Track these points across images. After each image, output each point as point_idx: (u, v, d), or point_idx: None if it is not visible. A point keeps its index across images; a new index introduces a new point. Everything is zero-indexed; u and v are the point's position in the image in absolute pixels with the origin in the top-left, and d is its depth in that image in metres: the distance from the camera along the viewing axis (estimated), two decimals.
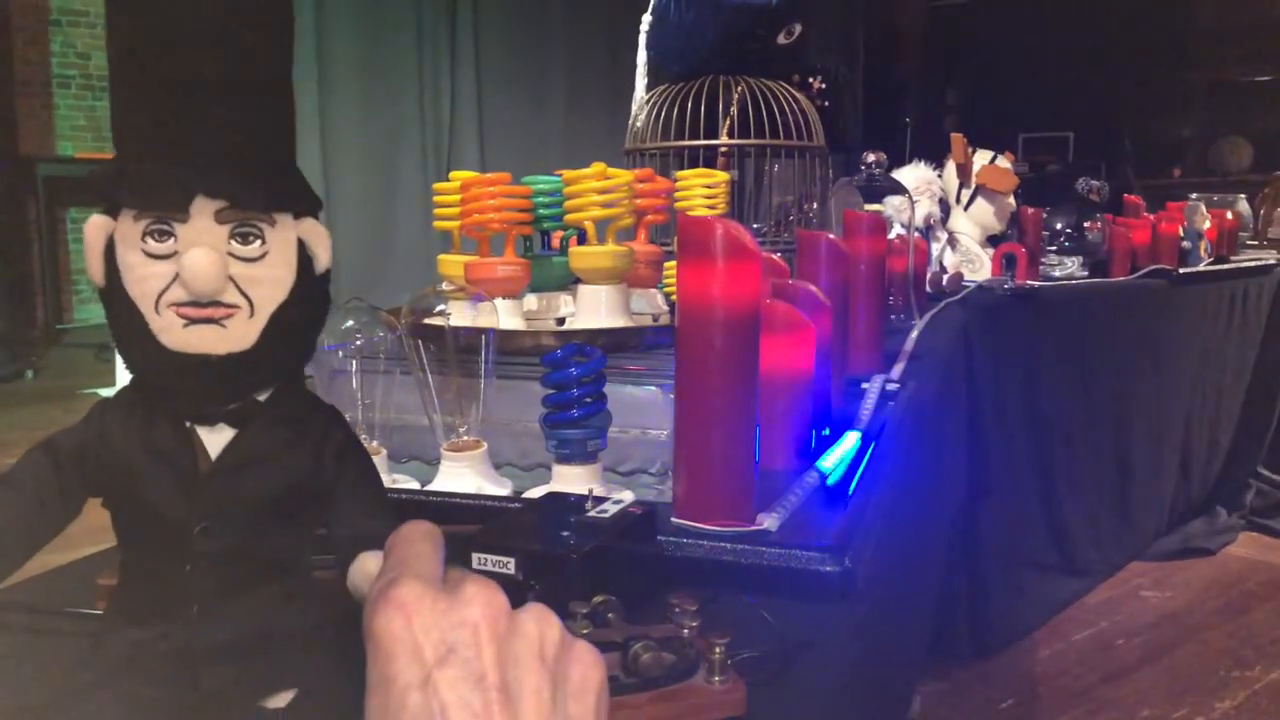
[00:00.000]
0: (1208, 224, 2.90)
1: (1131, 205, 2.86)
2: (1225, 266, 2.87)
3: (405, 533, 0.42)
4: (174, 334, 0.47)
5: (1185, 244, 2.78)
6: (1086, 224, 2.53)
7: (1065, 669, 2.16)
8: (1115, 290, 2.47)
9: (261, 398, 0.51)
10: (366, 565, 0.51)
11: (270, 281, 0.49)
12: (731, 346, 0.72)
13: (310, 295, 0.51)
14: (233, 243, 0.48)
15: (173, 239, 0.47)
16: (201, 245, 0.46)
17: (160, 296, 0.47)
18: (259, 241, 0.49)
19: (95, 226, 0.47)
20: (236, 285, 0.48)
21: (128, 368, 0.49)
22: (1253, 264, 2.97)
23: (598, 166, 0.90)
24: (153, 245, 0.47)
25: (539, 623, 0.36)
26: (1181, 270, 2.65)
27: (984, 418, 2.07)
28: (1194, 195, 3.14)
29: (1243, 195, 3.39)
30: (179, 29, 0.45)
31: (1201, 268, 2.78)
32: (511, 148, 4.50)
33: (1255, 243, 3.45)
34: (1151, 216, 2.75)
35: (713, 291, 0.71)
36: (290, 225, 0.50)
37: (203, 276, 0.46)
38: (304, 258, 0.51)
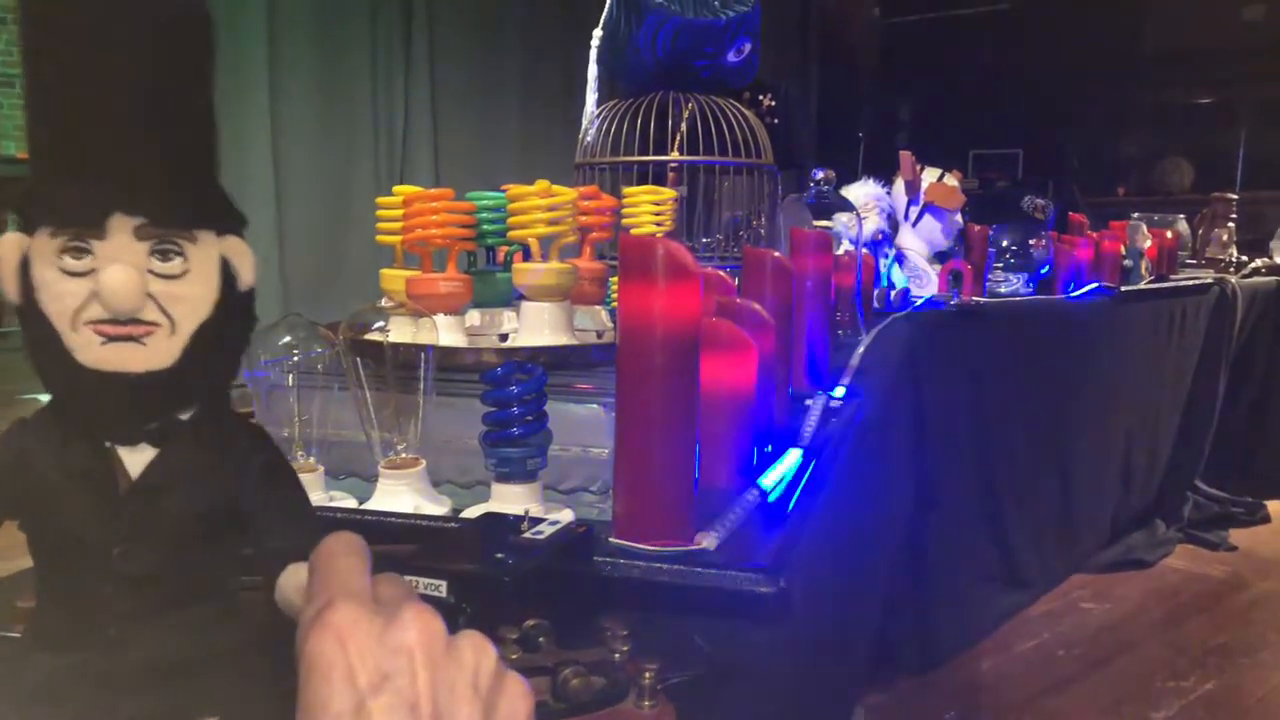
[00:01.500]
0: (1149, 243, 2.97)
1: (1076, 223, 2.92)
2: (1165, 285, 2.94)
3: (329, 547, 0.41)
4: (91, 352, 0.47)
5: (1127, 262, 2.84)
6: (1031, 241, 2.57)
7: (1008, 680, 2.19)
8: (1059, 307, 2.52)
9: (184, 416, 0.50)
10: (296, 576, 0.50)
11: (191, 299, 0.48)
12: (671, 366, 0.72)
13: (233, 313, 0.50)
14: (153, 260, 0.47)
15: (90, 256, 0.46)
16: (119, 262, 0.46)
17: (77, 314, 0.46)
18: (180, 259, 0.48)
19: (9, 243, 0.47)
20: (156, 302, 0.47)
21: (45, 387, 0.48)
22: (1191, 282, 3.05)
23: (542, 184, 0.90)
24: (69, 262, 0.46)
25: (475, 651, 0.35)
26: (1123, 288, 2.71)
27: (929, 432, 2.10)
28: (1136, 214, 3.21)
29: (1182, 215, 3.48)
30: (97, 46, 0.45)
31: (1142, 285, 2.84)
32: (466, 159, 4.48)
33: (1194, 262, 3.54)
34: (1095, 235, 2.81)
35: (653, 311, 0.71)
36: (213, 242, 0.50)
37: (120, 294, 0.46)
38: (227, 275, 0.50)
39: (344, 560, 0.40)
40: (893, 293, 2.20)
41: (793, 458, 1.03)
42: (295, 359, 0.81)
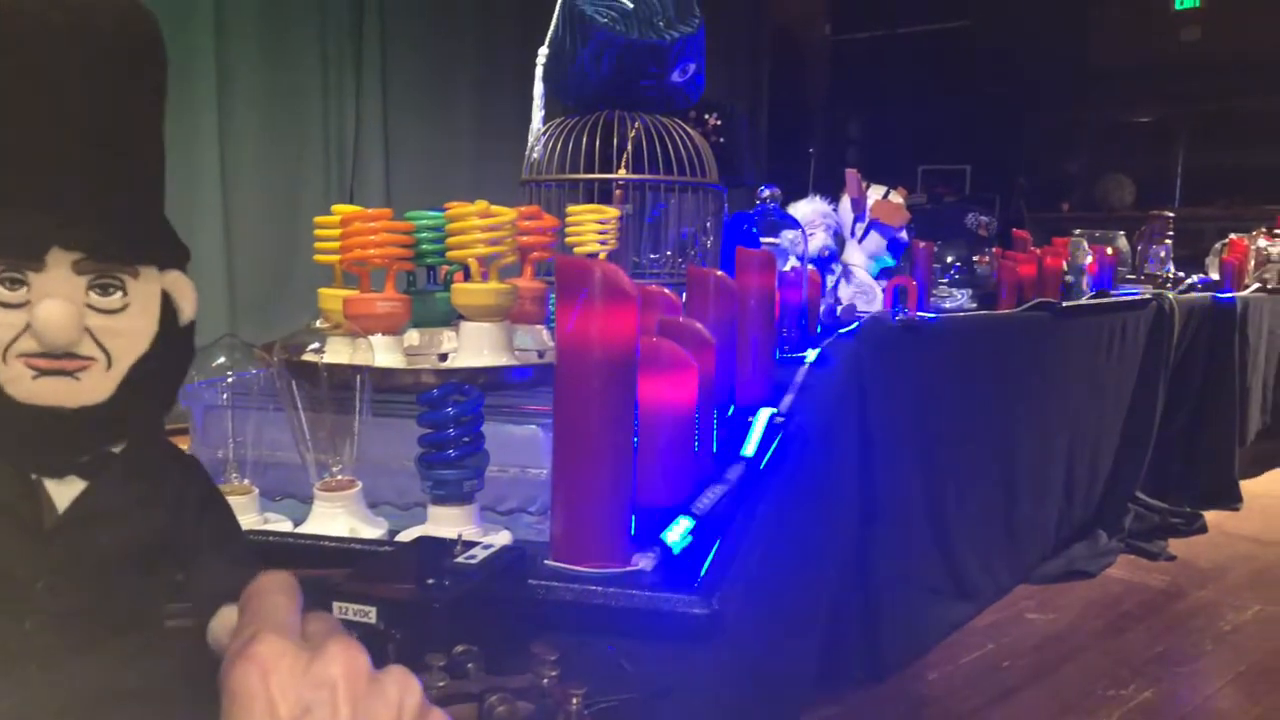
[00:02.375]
0: (1090, 259, 3.03)
1: (1019, 240, 2.98)
2: (1105, 300, 3.00)
3: (261, 585, 0.41)
4: (23, 385, 0.46)
5: (1069, 278, 2.90)
6: (975, 257, 2.62)
7: (954, 691, 2.21)
8: (1002, 322, 2.56)
9: (115, 449, 0.50)
10: (228, 618, 0.50)
11: (130, 334, 0.48)
12: (608, 388, 0.72)
13: (172, 348, 0.50)
14: (91, 294, 0.46)
15: (25, 288, 0.45)
16: (56, 296, 0.45)
17: (9, 347, 0.45)
18: (119, 293, 0.47)
19: None
20: (94, 337, 0.47)
21: None
22: (1131, 298, 3.11)
23: (481, 204, 0.90)
24: (3, 293, 0.45)
25: (399, 686, 0.36)
26: (1065, 303, 2.77)
27: (875, 446, 2.12)
28: (1077, 231, 3.28)
29: (1122, 232, 3.56)
30: (41, 73, 0.44)
31: (1083, 301, 2.90)
32: (418, 174, 4.45)
33: (1134, 277, 3.62)
34: (1038, 251, 2.86)
35: (590, 333, 0.71)
36: (154, 277, 0.49)
37: (54, 329, 0.45)
38: (168, 309, 0.49)
39: (272, 598, 0.40)
40: (839, 308, 2.23)
41: (734, 474, 1.04)
42: (229, 380, 0.81)
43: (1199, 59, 7.07)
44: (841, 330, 2.10)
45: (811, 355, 1.82)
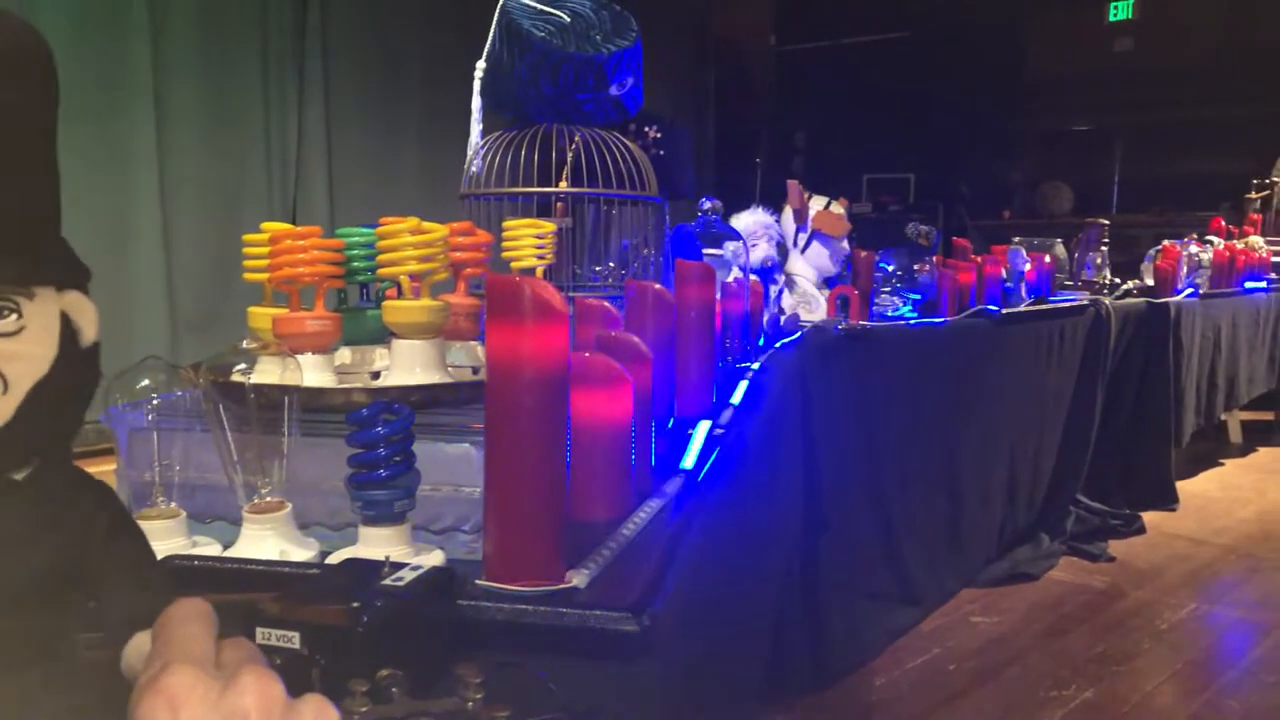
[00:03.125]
0: (1028, 266, 3.09)
1: (959, 248, 3.03)
2: (1044, 307, 3.06)
3: (174, 613, 0.40)
4: None
5: (1008, 285, 2.95)
6: (916, 266, 2.66)
7: (900, 696, 2.23)
8: (943, 329, 2.60)
9: (19, 475, 0.49)
10: (142, 644, 0.49)
11: (27, 357, 0.47)
12: (539, 406, 0.72)
13: (74, 370, 0.49)
14: None
15: None
16: None
17: None
18: (14, 316, 0.46)
19: None
20: None
21: None
22: (1069, 304, 3.18)
23: (412, 221, 0.90)
24: None
25: (315, 715, 0.35)
26: (1004, 310, 2.81)
27: (819, 453, 2.14)
28: (1016, 239, 3.34)
29: (1059, 239, 3.63)
30: None
31: (1022, 308, 2.95)
32: (362, 184, 4.41)
33: (1071, 284, 3.70)
34: (978, 259, 2.91)
35: (520, 351, 0.71)
36: (52, 298, 0.48)
37: None
38: (68, 332, 0.48)
39: (186, 627, 0.39)
40: (782, 318, 2.25)
41: (672, 488, 1.04)
42: (155, 402, 0.79)
43: (1133, 70, 7.26)
44: (785, 340, 2.11)
45: (755, 365, 1.83)
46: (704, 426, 1.23)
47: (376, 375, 0.99)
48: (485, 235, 1.06)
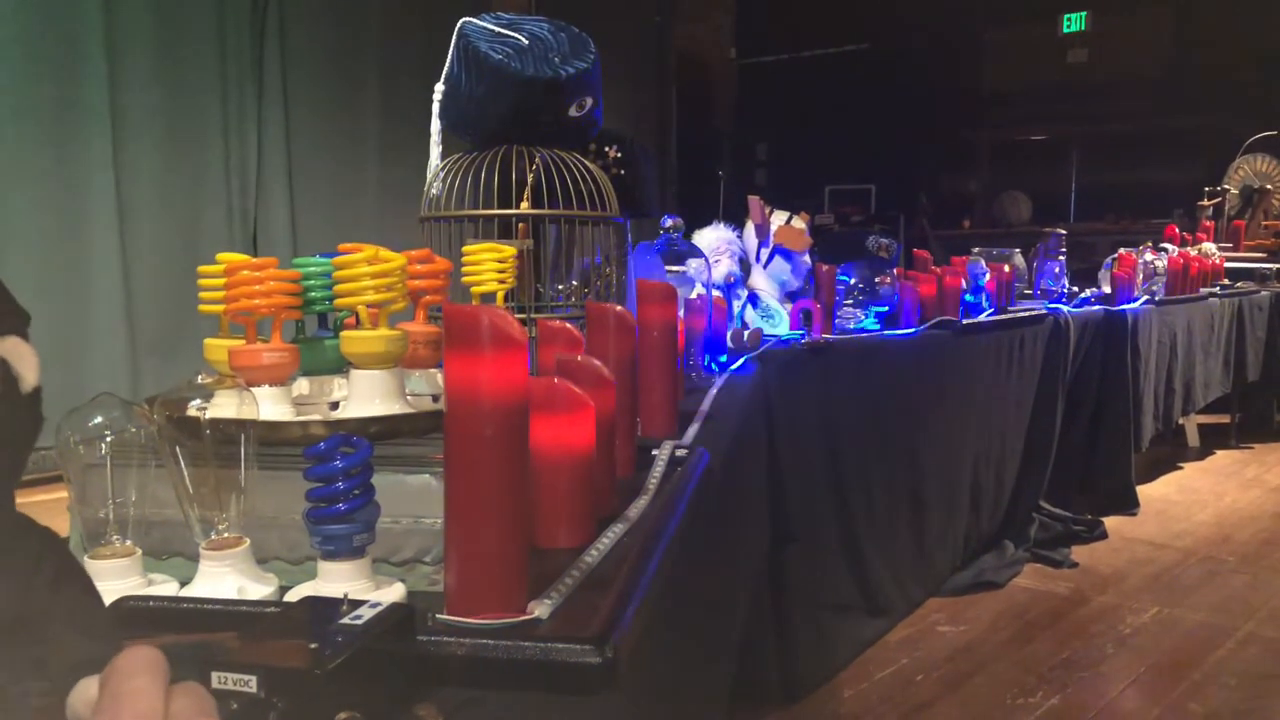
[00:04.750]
0: (987, 277, 3.13)
1: (920, 260, 3.06)
2: (1003, 317, 3.10)
3: (121, 664, 0.40)
4: None
5: (968, 296, 2.98)
6: (878, 279, 2.68)
7: (868, 708, 2.24)
8: (905, 341, 2.62)
9: None
10: (88, 691, 0.48)
11: None
12: (498, 437, 0.72)
13: (15, 416, 0.48)
14: None
15: None
16: None
17: None
18: None
19: None
20: None
21: None
22: (1027, 314, 3.22)
23: (369, 250, 0.89)
24: None
25: None
26: (965, 321, 2.85)
27: (784, 467, 2.15)
28: (975, 249, 3.38)
29: (1018, 250, 3.68)
30: None
31: (982, 318, 2.99)
32: (323, 204, 4.37)
33: (1030, 293, 3.75)
34: (938, 270, 2.94)
35: (479, 381, 0.71)
36: None
37: None
38: (8, 377, 0.48)
39: (133, 680, 0.38)
40: (746, 333, 2.26)
41: (636, 511, 1.04)
42: (108, 439, 0.78)
43: (1087, 80, 7.39)
44: (748, 355, 2.12)
45: (719, 381, 1.84)
46: (667, 447, 1.23)
47: (335, 405, 0.98)
48: (444, 263, 1.06)
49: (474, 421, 0.71)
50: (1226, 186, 5.37)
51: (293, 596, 0.76)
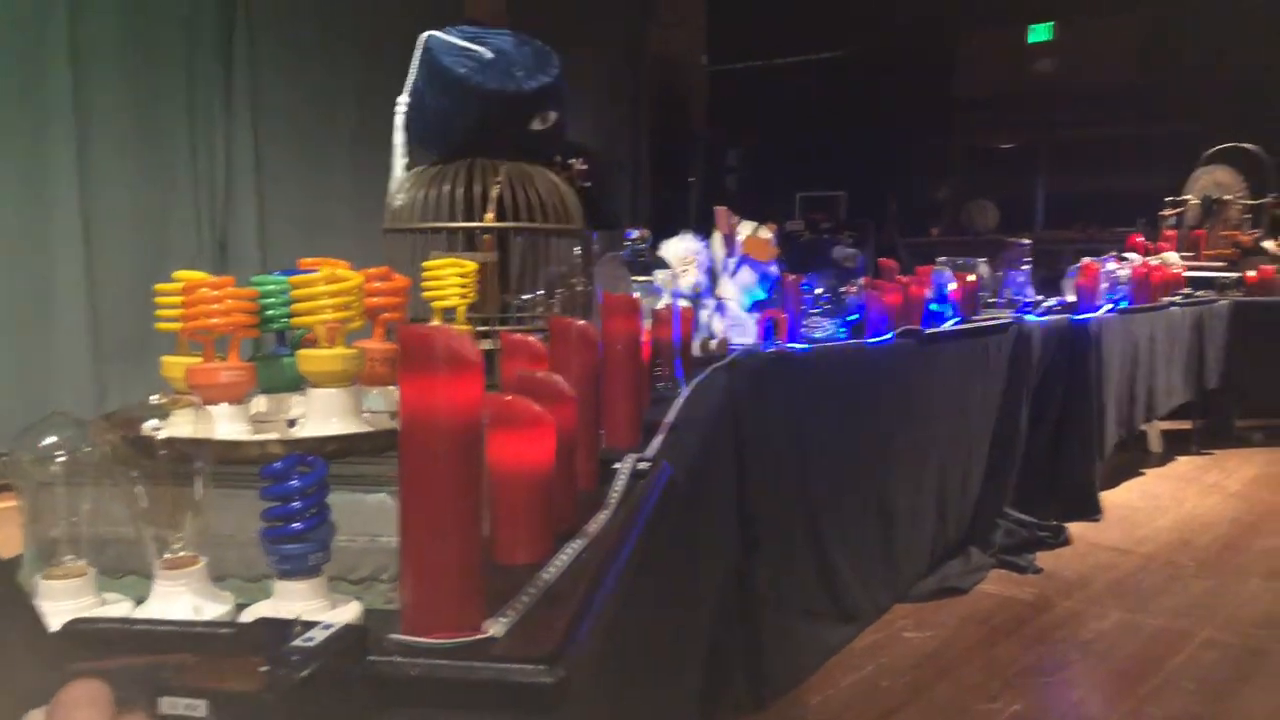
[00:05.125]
0: (952, 286, 3.16)
1: (886, 269, 3.09)
2: (968, 326, 3.13)
3: (64, 699, 0.40)
4: None
5: (933, 305, 3.01)
6: (843, 288, 2.70)
7: (835, 714, 2.26)
8: (870, 350, 2.65)
9: None
10: None
11: None
12: (454, 457, 0.72)
13: None
14: None
15: None
16: None
17: None
18: None
19: None
20: None
21: None
22: (992, 322, 3.26)
23: (326, 270, 0.89)
24: None
25: None
26: (930, 330, 2.88)
27: (751, 475, 2.16)
28: (941, 259, 3.42)
29: (984, 259, 3.72)
30: None
31: (947, 327, 3.02)
32: (293, 208, 4.33)
33: (995, 301, 3.79)
34: (903, 279, 2.97)
35: (434, 403, 0.71)
36: None
37: None
38: None
39: (77, 714, 0.39)
40: (713, 342, 2.27)
41: (595, 526, 1.04)
42: (62, 459, 0.78)
43: (1053, 89, 7.48)
44: (716, 364, 2.13)
45: (686, 391, 1.85)
46: (629, 460, 1.24)
47: (293, 422, 0.98)
48: (403, 280, 1.06)
49: (428, 443, 0.72)
50: (1188, 196, 5.46)
51: (249, 616, 0.77)
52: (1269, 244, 5.41)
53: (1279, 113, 6.13)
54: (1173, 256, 4.90)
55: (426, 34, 1.44)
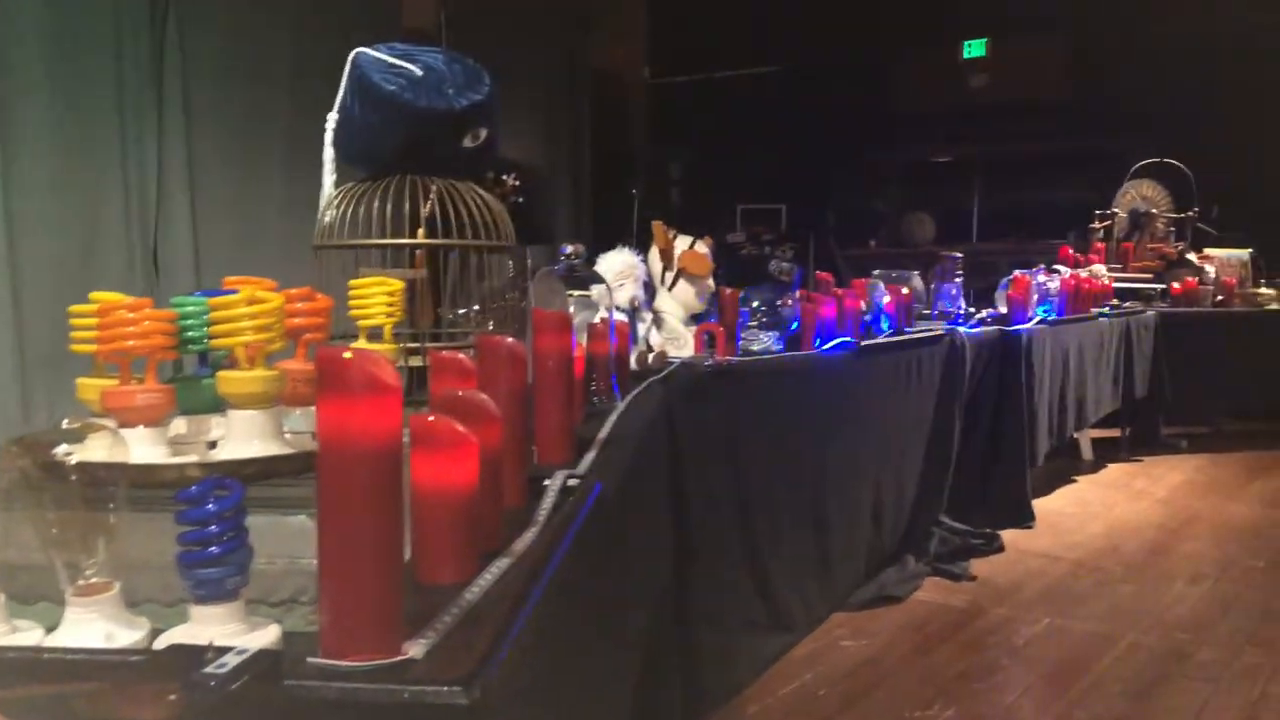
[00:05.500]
0: (887, 299, 3.21)
1: (822, 282, 3.13)
2: (902, 338, 3.19)
3: None
4: None
5: (868, 318, 3.06)
6: (779, 301, 2.74)
7: None
8: (806, 362, 2.68)
9: None
10: None
11: None
12: (372, 481, 0.72)
13: None
14: None
15: None
16: None
17: None
18: None
19: None
20: None
21: None
22: (925, 334, 3.32)
23: (247, 291, 0.89)
24: None
25: None
26: (865, 342, 2.92)
27: (688, 488, 2.18)
28: (876, 272, 3.47)
29: (917, 272, 3.79)
30: None
31: (881, 339, 3.07)
32: (226, 219, 4.26)
33: (929, 313, 3.86)
34: (839, 292, 3.01)
35: (351, 426, 0.72)
36: None
37: None
38: None
39: None
40: (650, 355, 2.29)
41: (522, 544, 1.05)
42: None
43: (988, 104, 7.64)
44: (653, 378, 2.15)
45: (621, 406, 1.86)
46: (558, 477, 1.25)
47: (214, 444, 0.97)
48: (325, 300, 1.06)
49: (345, 466, 0.72)
50: (1115, 210, 5.61)
51: (163, 642, 0.76)
52: (1193, 256, 5.59)
53: (1202, 129, 6.33)
54: (1101, 269, 5.04)
55: (356, 50, 1.44)
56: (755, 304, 2.70)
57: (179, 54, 4.17)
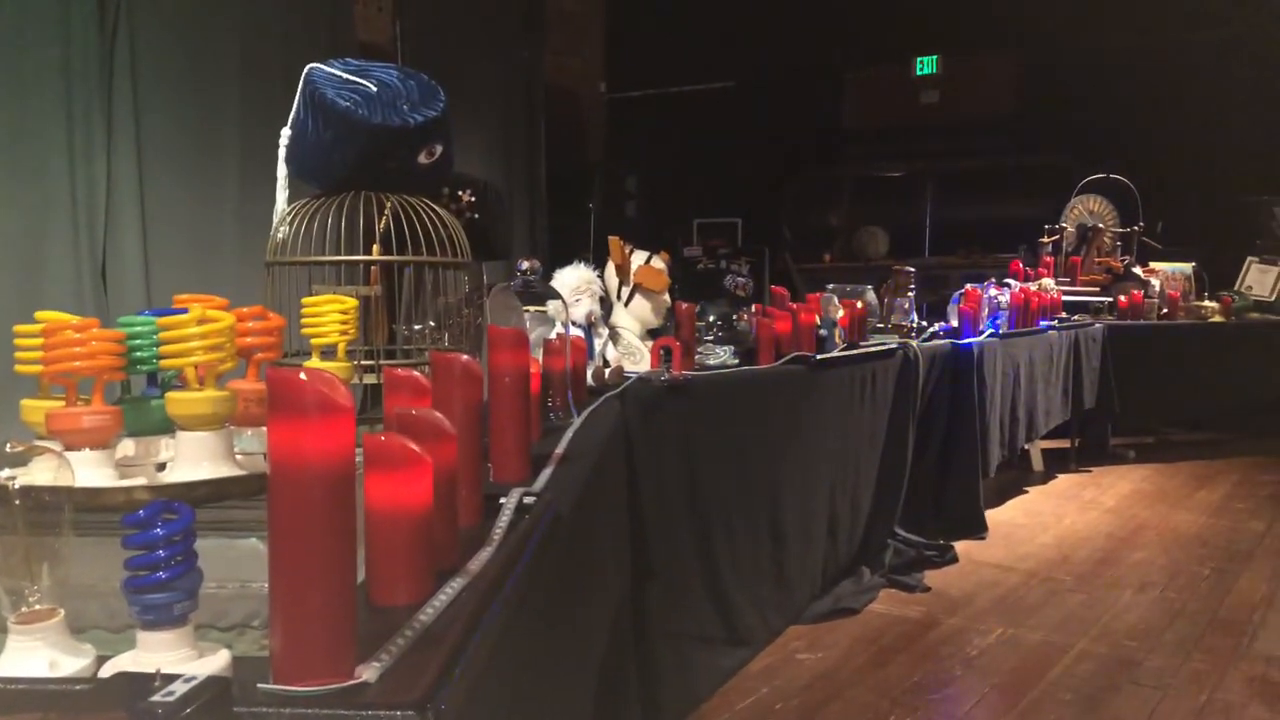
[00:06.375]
0: (841, 313, 3.25)
1: (777, 296, 3.16)
2: (856, 352, 3.22)
3: None
4: None
5: (822, 332, 3.09)
6: (735, 316, 2.75)
7: None
8: (762, 376, 2.70)
9: None
10: None
11: None
12: (324, 503, 0.72)
13: None
14: None
15: None
16: None
17: None
18: None
19: None
20: None
21: None
22: (879, 348, 3.36)
23: (196, 311, 0.88)
24: None
25: None
26: (819, 356, 2.95)
27: (644, 503, 2.18)
28: (830, 286, 3.51)
29: (870, 286, 3.84)
30: None
31: (836, 353, 3.10)
32: (177, 236, 4.19)
33: (882, 326, 3.91)
34: (794, 306, 3.04)
35: (302, 447, 0.71)
36: None
37: None
38: None
39: None
40: (607, 371, 2.29)
41: (477, 563, 1.04)
42: None
43: (939, 120, 7.77)
44: (609, 393, 2.15)
45: (577, 422, 1.86)
46: (514, 495, 1.24)
47: (163, 466, 0.96)
48: (277, 319, 1.05)
49: (296, 488, 0.71)
50: (1064, 224, 5.72)
51: (110, 669, 0.74)
52: (1139, 270, 5.72)
53: (1146, 145, 6.48)
54: (1049, 283, 5.13)
55: (309, 66, 1.43)
56: (711, 318, 2.71)
57: (129, 67, 4.11)
